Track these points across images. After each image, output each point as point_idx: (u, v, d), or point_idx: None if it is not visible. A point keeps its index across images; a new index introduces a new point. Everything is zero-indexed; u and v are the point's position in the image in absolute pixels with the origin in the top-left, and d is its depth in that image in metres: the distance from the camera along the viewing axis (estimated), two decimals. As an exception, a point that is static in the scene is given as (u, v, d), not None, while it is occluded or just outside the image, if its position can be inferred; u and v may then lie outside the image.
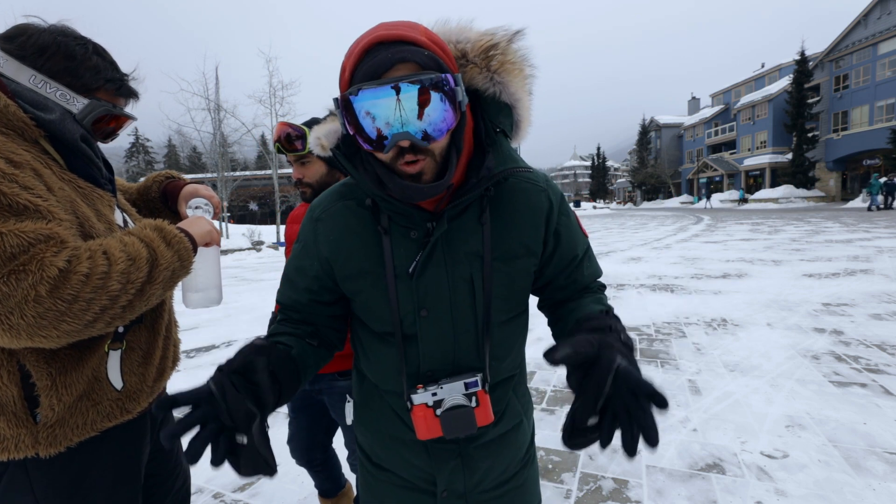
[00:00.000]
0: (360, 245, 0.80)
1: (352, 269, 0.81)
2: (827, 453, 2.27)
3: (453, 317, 0.79)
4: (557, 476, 2.22)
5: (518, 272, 0.82)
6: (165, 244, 0.85)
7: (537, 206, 0.82)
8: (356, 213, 0.81)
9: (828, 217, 19.13)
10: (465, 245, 0.78)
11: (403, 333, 0.79)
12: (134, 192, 1.23)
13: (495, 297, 0.80)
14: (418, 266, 0.77)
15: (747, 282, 6.60)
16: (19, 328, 0.68)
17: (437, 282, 0.78)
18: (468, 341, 0.81)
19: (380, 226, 0.78)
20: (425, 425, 0.77)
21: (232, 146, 21.39)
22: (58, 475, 0.84)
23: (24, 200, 0.73)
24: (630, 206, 59.96)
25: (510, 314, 0.84)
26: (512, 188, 0.81)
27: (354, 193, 0.82)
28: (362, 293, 0.81)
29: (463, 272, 0.78)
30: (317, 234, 0.83)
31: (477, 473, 0.86)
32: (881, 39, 30.56)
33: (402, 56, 0.63)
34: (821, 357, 3.57)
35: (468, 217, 0.79)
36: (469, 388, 0.77)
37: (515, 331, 0.87)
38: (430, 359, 0.80)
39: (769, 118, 40.14)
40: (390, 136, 0.64)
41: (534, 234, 0.82)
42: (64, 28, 0.91)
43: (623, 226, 21.42)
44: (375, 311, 0.81)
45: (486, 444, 0.87)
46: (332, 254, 0.81)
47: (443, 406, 0.76)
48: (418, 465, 0.87)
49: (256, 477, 0.64)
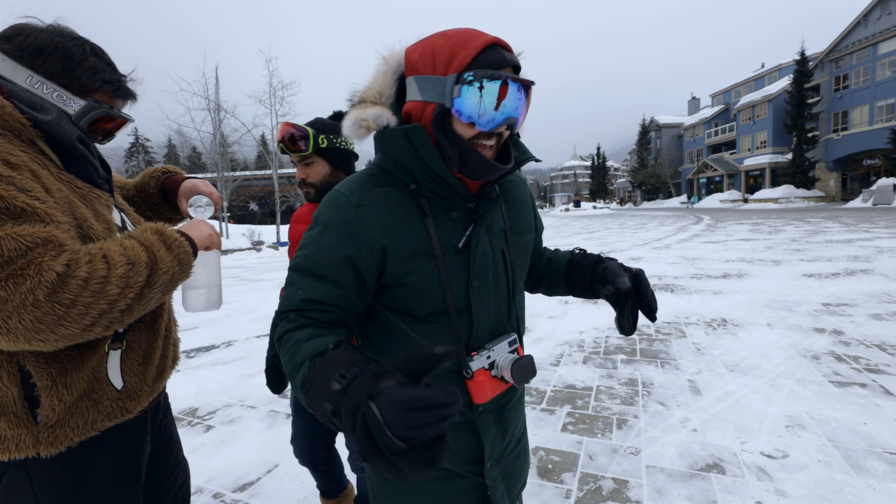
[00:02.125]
0: (410, 227, 0.82)
1: (407, 250, 0.81)
2: (827, 453, 2.27)
3: (496, 286, 0.90)
4: (557, 476, 2.22)
5: (527, 245, 1.00)
6: (165, 248, 0.85)
7: (525, 192, 1.03)
8: (397, 197, 0.83)
9: (828, 217, 19.13)
10: (497, 222, 0.91)
11: (456, 306, 0.85)
12: (132, 189, 1.22)
13: (517, 266, 0.95)
14: (470, 241, 0.85)
15: (747, 282, 6.60)
16: (17, 332, 0.68)
17: (484, 255, 0.87)
18: (503, 307, 0.92)
19: (421, 209, 0.83)
20: (487, 386, 0.84)
21: (232, 146, 21.38)
22: (58, 475, 0.84)
23: (21, 203, 0.72)
24: (630, 206, 59.96)
25: (523, 281, 1.00)
26: (506, 178, 0.97)
27: (388, 180, 0.84)
28: (416, 273, 0.81)
29: (498, 245, 0.91)
30: (362, 219, 0.79)
31: (507, 436, 0.95)
32: (881, 39, 30.56)
33: (514, 62, 0.79)
34: (821, 357, 3.57)
35: (493, 199, 0.91)
36: (511, 346, 0.89)
37: (523, 297, 1.02)
38: (481, 326, 0.87)
39: (769, 118, 40.14)
40: (503, 119, 0.77)
41: (528, 214, 1.02)
42: (62, 28, 0.91)
43: (623, 226, 21.42)
44: (429, 288, 0.82)
45: (513, 405, 0.97)
46: (386, 237, 0.80)
47: (496, 366, 0.85)
48: (465, 447, 0.88)
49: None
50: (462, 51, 0.76)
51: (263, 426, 2.88)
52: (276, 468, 2.39)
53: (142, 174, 1.26)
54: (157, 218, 1.25)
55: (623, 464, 2.28)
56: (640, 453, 2.36)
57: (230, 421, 2.98)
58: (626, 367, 3.59)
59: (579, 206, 54.19)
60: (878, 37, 30.62)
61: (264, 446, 2.62)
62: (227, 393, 3.46)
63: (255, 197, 38.32)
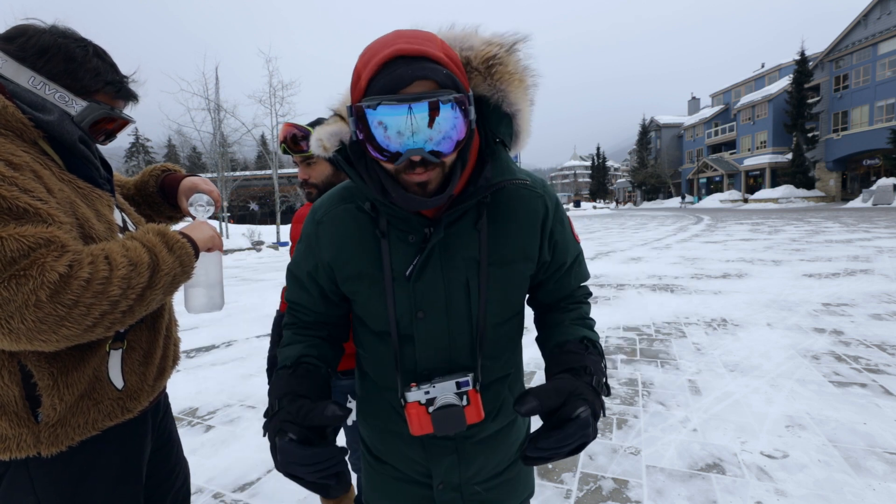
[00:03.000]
0: (360, 248, 0.81)
1: (351, 272, 0.82)
2: (827, 453, 2.27)
3: (449, 319, 0.81)
4: (557, 476, 2.22)
5: (514, 276, 0.84)
6: (168, 249, 0.86)
7: (533, 211, 0.84)
8: (356, 216, 0.82)
9: (828, 217, 19.14)
10: (463, 250, 0.80)
11: (400, 333, 0.82)
12: (131, 188, 1.22)
13: (490, 300, 0.82)
14: (415, 270, 0.79)
15: (747, 282, 6.60)
16: (19, 332, 0.68)
17: (433, 285, 0.80)
18: (463, 342, 0.83)
19: (378, 230, 0.79)
20: (418, 422, 0.78)
21: (232, 146, 21.39)
22: (59, 474, 0.84)
23: (24, 204, 0.72)
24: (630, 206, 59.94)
25: (505, 317, 0.86)
26: (509, 194, 0.83)
27: (355, 197, 0.84)
28: (360, 294, 0.84)
29: (459, 276, 0.80)
30: (319, 236, 0.85)
31: (472, 468, 0.89)
32: (881, 39, 30.56)
33: (424, 74, 0.64)
34: (821, 357, 3.58)
35: (465, 223, 0.80)
36: (461, 388, 0.79)
37: (510, 332, 0.89)
38: (426, 358, 0.83)
39: (769, 118, 40.14)
40: (404, 150, 0.65)
41: (530, 239, 0.84)
42: (64, 30, 0.91)
43: (623, 226, 21.42)
44: (373, 311, 0.84)
45: (482, 440, 0.90)
46: (332, 257, 0.83)
47: (435, 404, 0.78)
48: (415, 459, 0.89)
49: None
50: (363, 73, 0.67)
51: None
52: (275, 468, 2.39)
53: (141, 172, 1.26)
54: (158, 217, 1.25)
55: (623, 464, 2.28)
56: (640, 453, 2.37)
57: (230, 421, 2.98)
58: (626, 367, 3.59)
59: (579, 206, 54.17)
60: (878, 37, 30.62)
61: (264, 446, 2.62)
62: (227, 393, 3.46)
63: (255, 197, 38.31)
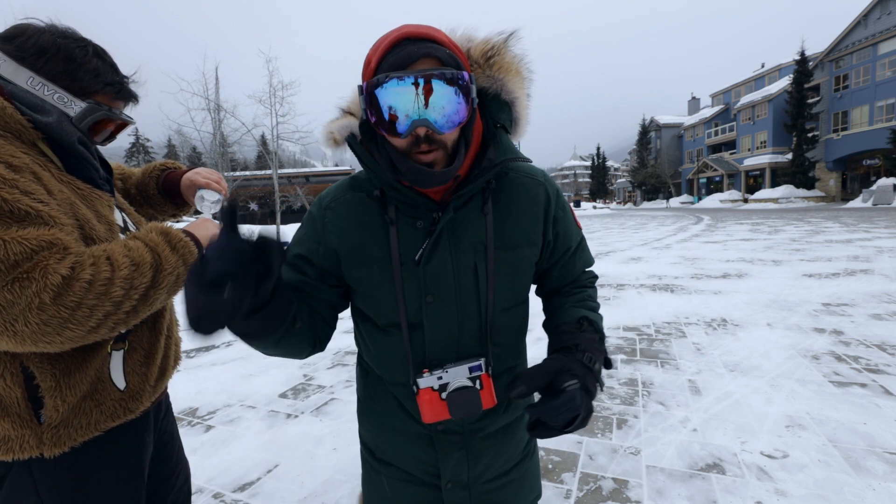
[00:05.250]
0: (368, 234, 0.82)
1: (359, 258, 0.83)
2: (827, 453, 2.28)
3: (458, 303, 0.82)
4: (557, 476, 2.22)
5: (520, 261, 0.86)
6: (170, 248, 0.86)
7: (536, 198, 0.87)
8: (365, 203, 0.84)
9: (828, 217, 19.14)
10: (470, 234, 0.82)
11: (409, 321, 0.82)
12: (132, 187, 1.23)
13: (498, 284, 0.84)
14: (425, 254, 0.80)
15: (747, 282, 6.60)
16: (23, 335, 0.69)
17: (442, 269, 0.81)
18: (472, 328, 0.84)
19: (387, 216, 0.81)
20: (431, 408, 0.79)
21: (232, 146, 21.37)
22: (62, 475, 0.84)
23: (25, 206, 0.72)
24: (630, 206, 59.95)
25: (511, 302, 0.88)
26: (512, 182, 0.87)
27: (363, 185, 0.85)
28: (368, 280, 0.83)
29: (468, 260, 0.82)
30: (325, 221, 0.85)
31: (480, 464, 0.89)
32: (881, 39, 30.55)
33: (427, 51, 0.69)
34: (821, 357, 3.58)
35: (472, 207, 0.83)
36: (473, 372, 0.80)
37: (516, 319, 0.90)
38: (435, 345, 0.83)
39: (769, 118, 40.12)
40: (409, 123, 0.69)
41: (534, 225, 0.87)
42: (64, 29, 0.90)
43: (623, 226, 21.42)
44: (380, 298, 0.83)
45: (490, 434, 0.90)
46: (339, 243, 0.83)
47: (448, 388, 0.79)
48: (422, 458, 0.89)
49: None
50: (374, 57, 0.72)
51: (263, 426, 2.88)
52: (276, 468, 2.39)
53: (141, 171, 1.25)
54: (160, 216, 1.25)
55: (623, 464, 2.28)
56: (640, 453, 2.37)
57: (230, 421, 2.98)
58: (626, 367, 3.59)
59: (579, 205, 54.18)
60: (878, 37, 30.61)
61: (264, 446, 2.62)
62: (227, 393, 3.46)
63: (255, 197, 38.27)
